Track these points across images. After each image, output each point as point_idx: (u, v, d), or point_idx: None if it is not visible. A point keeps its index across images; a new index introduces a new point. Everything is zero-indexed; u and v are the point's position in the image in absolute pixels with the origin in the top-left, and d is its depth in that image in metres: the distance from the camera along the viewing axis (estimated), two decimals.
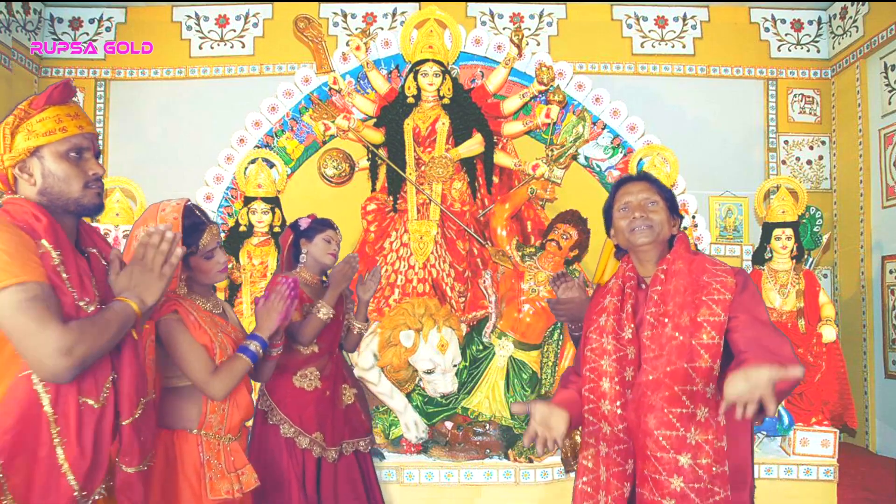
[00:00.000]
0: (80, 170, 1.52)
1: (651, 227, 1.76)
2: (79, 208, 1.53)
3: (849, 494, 3.94)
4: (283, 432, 2.66)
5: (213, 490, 1.99)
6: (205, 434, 2.04)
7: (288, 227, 2.90)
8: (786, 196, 4.29)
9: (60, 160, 1.49)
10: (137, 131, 5.80)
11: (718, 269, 1.72)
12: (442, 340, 3.41)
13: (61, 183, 1.49)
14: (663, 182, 1.96)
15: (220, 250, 2.14)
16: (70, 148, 1.50)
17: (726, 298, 1.65)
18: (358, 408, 2.91)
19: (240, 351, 2.05)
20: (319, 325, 2.69)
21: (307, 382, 2.72)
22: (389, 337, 3.43)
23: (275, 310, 2.15)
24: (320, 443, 2.70)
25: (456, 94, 3.95)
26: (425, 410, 3.65)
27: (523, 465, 3.53)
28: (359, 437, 2.87)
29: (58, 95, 1.50)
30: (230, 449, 2.09)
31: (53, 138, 1.48)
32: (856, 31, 5.59)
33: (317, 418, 2.70)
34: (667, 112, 5.63)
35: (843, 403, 4.26)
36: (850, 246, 5.63)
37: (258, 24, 5.88)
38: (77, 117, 1.53)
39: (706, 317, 1.64)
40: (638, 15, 5.94)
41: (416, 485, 3.53)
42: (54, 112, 1.50)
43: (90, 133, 1.56)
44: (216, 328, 2.11)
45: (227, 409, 2.07)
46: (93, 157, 1.56)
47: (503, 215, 3.87)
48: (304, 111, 4.30)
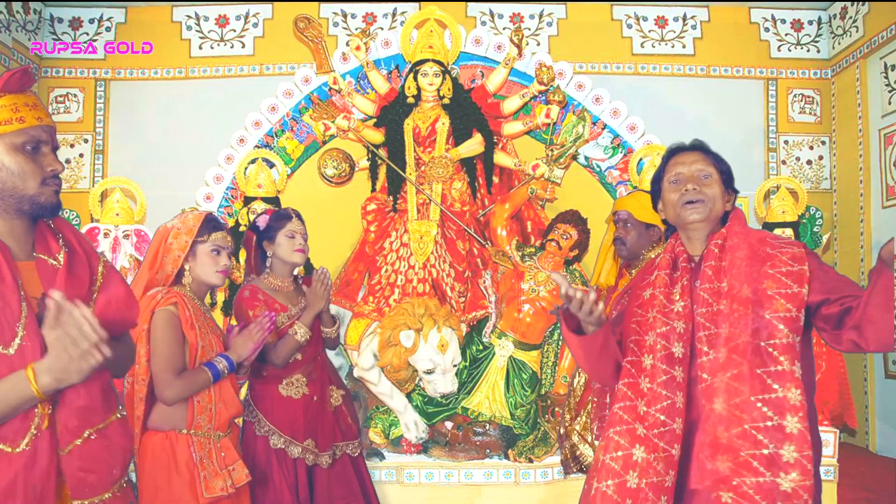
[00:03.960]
0: (36, 165, 1.37)
1: (704, 201, 1.60)
2: (34, 207, 1.38)
3: (849, 494, 3.94)
4: (273, 443, 2.56)
5: (209, 488, 2.00)
6: (195, 433, 2.05)
7: (248, 228, 2.77)
8: (786, 196, 4.29)
9: (16, 153, 1.34)
10: (137, 131, 5.80)
11: (781, 240, 1.57)
12: (442, 340, 3.41)
13: (15, 178, 1.34)
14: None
15: (227, 254, 2.21)
16: (27, 140, 1.35)
17: (800, 270, 1.50)
18: (344, 410, 2.84)
19: (206, 365, 2.06)
20: (296, 346, 2.58)
21: (294, 390, 2.63)
22: (389, 337, 3.42)
23: (252, 339, 2.21)
24: (312, 450, 2.63)
25: (456, 94, 3.95)
26: (425, 410, 3.65)
27: (523, 465, 3.52)
28: (348, 440, 2.81)
29: (16, 82, 1.35)
30: (220, 446, 2.11)
31: (9, 129, 1.33)
32: (856, 31, 5.58)
33: (307, 425, 2.62)
34: (667, 112, 5.62)
35: (843, 403, 4.26)
36: (850, 246, 5.63)
37: (258, 24, 5.88)
38: (36, 108, 1.38)
39: (777, 290, 1.48)
40: (638, 15, 5.94)
41: (416, 485, 3.52)
42: (11, 100, 1.34)
43: (49, 126, 1.41)
44: (207, 328, 2.15)
45: (215, 408, 2.09)
46: (51, 152, 1.41)
47: (503, 215, 3.87)
48: (304, 111, 4.31)
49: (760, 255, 1.53)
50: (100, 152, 5.87)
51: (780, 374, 1.43)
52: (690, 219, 1.62)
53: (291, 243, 2.63)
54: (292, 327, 2.59)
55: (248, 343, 2.20)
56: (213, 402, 2.07)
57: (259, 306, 2.57)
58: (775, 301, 1.47)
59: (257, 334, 2.20)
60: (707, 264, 1.57)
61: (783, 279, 1.49)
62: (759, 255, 1.53)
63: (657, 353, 1.56)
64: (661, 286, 1.63)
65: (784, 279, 1.49)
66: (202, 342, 2.08)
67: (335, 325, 2.82)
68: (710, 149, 1.72)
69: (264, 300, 2.61)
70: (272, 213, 2.75)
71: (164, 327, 2.04)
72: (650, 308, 1.63)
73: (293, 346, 2.58)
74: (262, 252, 2.73)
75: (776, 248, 1.54)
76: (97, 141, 5.87)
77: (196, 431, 2.05)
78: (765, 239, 1.58)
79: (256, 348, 2.20)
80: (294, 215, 2.70)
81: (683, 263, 1.64)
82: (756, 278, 1.50)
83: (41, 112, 1.39)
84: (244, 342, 2.20)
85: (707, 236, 1.64)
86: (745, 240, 1.56)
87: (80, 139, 5.86)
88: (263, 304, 2.59)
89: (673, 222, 1.70)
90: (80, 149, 5.86)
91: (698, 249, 1.65)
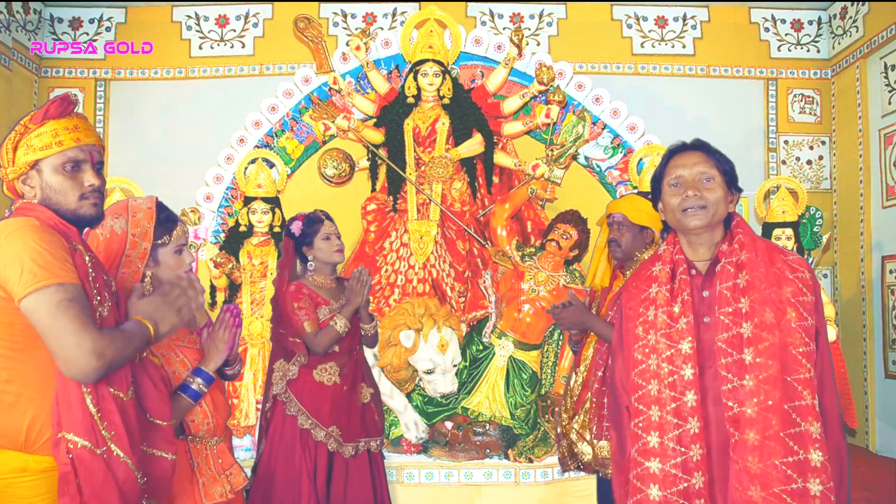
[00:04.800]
0: (75, 182, 1.57)
1: (705, 207, 1.52)
2: (76, 219, 1.59)
3: None
4: (301, 423, 2.69)
5: (208, 495, 1.99)
6: (192, 439, 2.03)
7: (285, 235, 2.88)
8: (786, 196, 4.29)
9: (56, 173, 1.55)
10: (137, 131, 5.79)
11: (791, 259, 1.51)
12: (442, 340, 3.41)
13: (58, 195, 1.56)
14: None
15: (188, 250, 2.05)
16: (65, 161, 1.56)
17: (809, 300, 1.47)
18: (373, 407, 2.92)
19: (180, 390, 1.92)
20: (336, 336, 2.72)
21: (326, 377, 2.75)
22: (389, 337, 3.43)
23: (221, 340, 2.00)
24: (337, 437, 2.73)
25: (456, 94, 3.95)
26: (425, 410, 3.65)
27: (523, 465, 3.52)
28: (372, 436, 2.88)
29: (55, 110, 1.56)
30: (217, 451, 2.08)
31: (50, 152, 1.54)
32: (856, 31, 5.58)
33: (333, 412, 2.73)
34: (667, 112, 5.62)
35: (843, 403, 4.25)
36: (850, 246, 5.62)
37: (258, 24, 5.87)
38: (76, 130, 1.58)
39: (798, 322, 1.43)
40: (638, 15, 5.93)
41: (416, 485, 3.52)
42: (52, 126, 1.55)
43: (88, 145, 1.61)
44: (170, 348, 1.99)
45: (212, 418, 2.05)
46: (90, 169, 1.61)
47: (503, 215, 3.87)
48: (304, 111, 4.31)
49: (776, 275, 1.48)
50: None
51: (802, 409, 1.42)
52: (692, 225, 1.56)
53: (329, 245, 2.79)
54: (332, 319, 2.73)
55: (219, 344, 2.00)
56: (209, 416, 2.03)
57: (303, 299, 2.76)
58: (797, 335, 1.43)
59: (224, 332, 2.01)
60: (724, 286, 1.51)
61: (802, 311, 1.45)
62: (775, 276, 1.48)
63: (664, 380, 1.51)
64: (663, 304, 1.56)
65: (802, 311, 1.45)
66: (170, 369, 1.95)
67: (373, 322, 2.94)
68: (712, 148, 1.64)
69: (308, 294, 2.79)
70: (303, 218, 2.84)
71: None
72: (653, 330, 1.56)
73: (333, 336, 2.71)
74: (302, 257, 2.87)
75: (793, 272, 1.49)
76: None
77: (193, 437, 2.03)
78: (775, 255, 1.52)
79: (231, 346, 2.02)
80: (324, 217, 2.84)
81: (683, 275, 1.58)
82: (777, 303, 1.45)
83: (81, 133, 1.59)
84: (214, 346, 2.01)
85: (710, 241, 1.59)
86: (760, 256, 1.50)
87: None
88: (307, 297, 2.78)
89: (673, 226, 1.64)
90: None
91: (700, 255, 1.60)
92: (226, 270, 3.90)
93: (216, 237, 4.26)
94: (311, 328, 2.72)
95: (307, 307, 2.75)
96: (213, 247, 4.08)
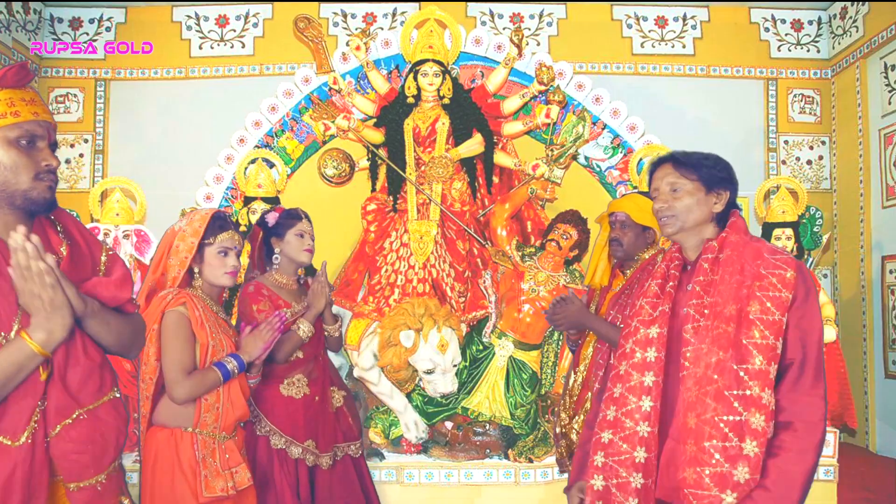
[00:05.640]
0: (30, 159, 1.36)
1: (674, 216, 1.65)
2: (26, 202, 1.37)
3: (849, 494, 3.94)
4: (274, 444, 2.57)
5: (209, 488, 2.00)
6: (200, 432, 2.06)
7: (255, 224, 2.78)
8: (786, 196, 4.29)
9: (9, 147, 1.35)
10: (137, 131, 5.80)
11: (777, 258, 1.55)
12: (442, 340, 3.41)
13: (7, 172, 1.34)
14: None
15: (235, 254, 2.21)
16: (21, 135, 1.35)
17: (783, 297, 1.50)
18: (345, 411, 2.84)
19: (216, 365, 2.07)
20: (298, 342, 2.60)
21: (295, 390, 2.63)
22: (389, 337, 3.42)
23: (262, 339, 2.21)
24: (313, 450, 2.63)
25: (456, 94, 3.95)
26: (425, 410, 3.65)
27: (523, 465, 3.52)
28: (349, 440, 2.81)
29: (12, 77, 1.36)
30: (225, 447, 2.11)
31: (3, 122, 1.34)
32: (856, 31, 5.58)
33: (307, 425, 2.62)
34: (667, 112, 5.62)
35: (843, 403, 4.26)
36: (850, 246, 5.63)
37: (258, 24, 5.88)
38: (32, 103, 1.39)
39: (758, 314, 1.49)
40: (638, 15, 5.94)
41: (416, 485, 3.52)
42: (7, 95, 1.36)
43: (46, 121, 1.41)
44: (217, 328, 2.15)
45: (222, 409, 2.09)
46: (47, 147, 1.41)
47: (503, 215, 3.86)
48: (304, 111, 4.30)
49: (751, 272, 1.54)
50: (100, 152, 5.87)
51: (746, 399, 1.47)
52: (665, 232, 1.70)
53: (301, 242, 2.67)
54: (295, 324, 2.61)
55: (259, 342, 2.20)
56: (220, 402, 2.08)
57: (263, 301, 2.59)
58: (754, 327, 1.49)
59: (267, 334, 2.20)
60: (696, 279, 1.59)
61: (768, 304, 1.50)
62: (750, 273, 1.54)
63: (630, 359, 1.63)
64: (650, 295, 1.69)
65: (769, 304, 1.50)
66: (213, 342, 2.09)
67: (337, 323, 2.85)
68: (681, 158, 1.72)
69: (268, 296, 2.63)
70: (282, 210, 2.76)
71: (175, 328, 2.07)
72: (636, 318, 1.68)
73: (295, 343, 2.60)
74: (268, 249, 2.74)
75: (769, 268, 1.54)
76: (97, 141, 5.87)
77: (201, 430, 2.06)
78: (761, 253, 1.57)
79: (267, 348, 2.21)
80: (304, 216, 2.74)
81: (674, 270, 1.69)
82: (745, 297, 1.52)
83: (38, 107, 1.40)
84: (254, 342, 2.20)
85: (697, 240, 1.68)
86: (740, 255, 1.56)
87: (80, 139, 5.87)
88: (267, 299, 2.61)
89: None
90: (80, 149, 5.86)
91: (692, 255, 1.70)
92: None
93: None
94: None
95: (267, 310, 2.55)
96: None
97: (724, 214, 1.69)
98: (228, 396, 2.10)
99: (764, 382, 1.47)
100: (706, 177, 1.69)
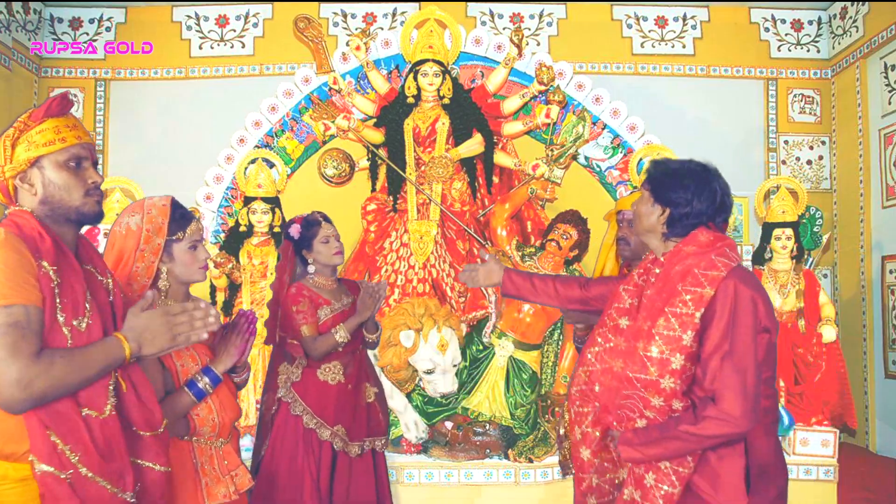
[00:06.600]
0: (79, 179, 1.56)
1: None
2: (79, 216, 1.57)
3: (849, 494, 3.94)
4: (305, 423, 2.70)
5: (211, 495, 1.97)
6: (196, 440, 2.01)
7: (284, 238, 2.86)
8: (786, 196, 4.29)
9: (60, 169, 1.54)
10: (137, 131, 5.79)
11: (707, 275, 1.57)
12: (442, 340, 3.41)
13: (62, 192, 1.53)
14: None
15: (202, 246, 2.06)
16: (69, 158, 1.54)
17: (690, 313, 1.55)
18: (377, 406, 2.93)
19: (187, 386, 1.93)
20: (334, 345, 2.72)
21: (330, 376, 2.75)
22: (389, 337, 3.42)
23: (233, 345, 2.03)
24: (343, 437, 2.74)
25: (456, 94, 3.95)
26: (425, 410, 3.65)
27: (523, 465, 3.53)
28: (376, 436, 2.89)
29: (56, 107, 1.55)
30: (223, 452, 2.07)
31: (53, 148, 1.53)
32: (856, 31, 5.58)
33: (338, 411, 2.74)
34: (667, 112, 5.62)
35: (843, 403, 4.25)
36: (850, 246, 5.62)
37: (258, 24, 5.87)
38: (75, 128, 1.58)
39: (661, 329, 1.57)
40: (638, 15, 5.93)
41: (416, 485, 3.53)
42: (53, 123, 1.54)
43: (88, 143, 1.60)
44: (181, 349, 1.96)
45: (217, 416, 2.03)
46: (91, 166, 1.60)
47: (503, 215, 3.87)
48: (304, 111, 4.31)
49: (674, 291, 1.59)
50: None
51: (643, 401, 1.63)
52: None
53: (328, 248, 2.78)
54: (335, 327, 2.73)
55: (231, 350, 2.03)
56: (214, 412, 2.02)
57: (303, 302, 2.75)
58: (653, 340, 1.58)
59: (237, 339, 2.03)
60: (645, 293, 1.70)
61: (672, 321, 1.57)
62: (672, 291, 1.60)
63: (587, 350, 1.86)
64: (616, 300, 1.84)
65: (673, 320, 1.57)
66: (179, 362, 1.96)
67: (377, 331, 2.95)
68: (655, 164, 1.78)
69: (309, 296, 2.78)
70: (301, 221, 2.82)
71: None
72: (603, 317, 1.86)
73: (332, 345, 2.72)
74: (302, 260, 2.86)
75: (688, 286, 1.58)
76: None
77: (198, 438, 2.01)
78: (691, 270, 1.60)
79: (241, 353, 2.05)
80: (322, 219, 2.82)
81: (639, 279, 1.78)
82: (660, 313, 1.60)
83: (80, 131, 1.59)
84: (226, 350, 2.03)
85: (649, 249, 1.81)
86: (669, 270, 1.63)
87: None
88: (308, 299, 2.77)
89: None
90: None
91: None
92: (226, 270, 3.91)
93: (216, 237, 4.26)
94: (308, 332, 2.72)
95: (306, 310, 2.74)
96: (213, 247, 4.07)
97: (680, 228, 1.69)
98: (220, 405, 2.02)
99: (657, 392, 1.58)
100: (655, 190, 1.73)
